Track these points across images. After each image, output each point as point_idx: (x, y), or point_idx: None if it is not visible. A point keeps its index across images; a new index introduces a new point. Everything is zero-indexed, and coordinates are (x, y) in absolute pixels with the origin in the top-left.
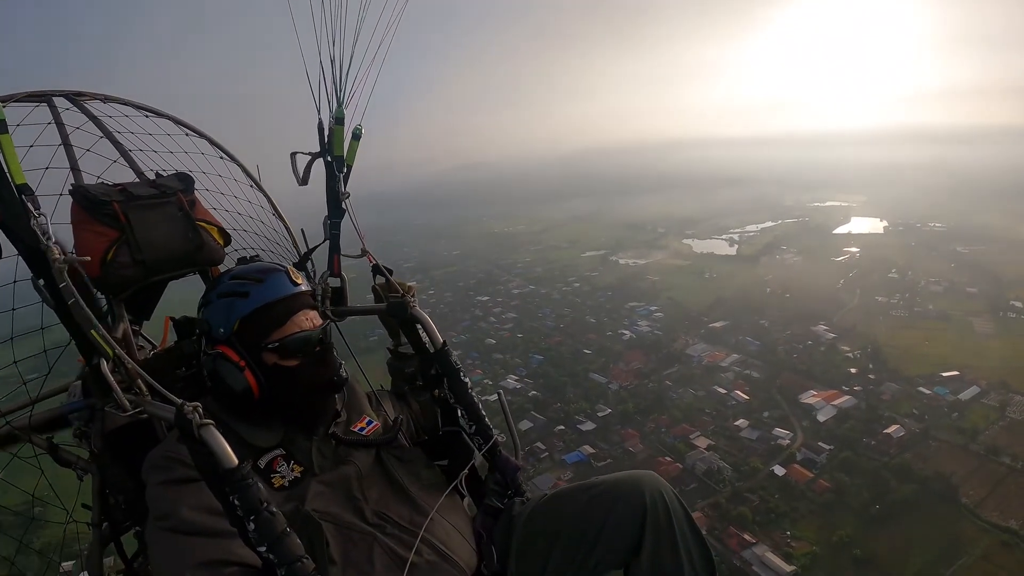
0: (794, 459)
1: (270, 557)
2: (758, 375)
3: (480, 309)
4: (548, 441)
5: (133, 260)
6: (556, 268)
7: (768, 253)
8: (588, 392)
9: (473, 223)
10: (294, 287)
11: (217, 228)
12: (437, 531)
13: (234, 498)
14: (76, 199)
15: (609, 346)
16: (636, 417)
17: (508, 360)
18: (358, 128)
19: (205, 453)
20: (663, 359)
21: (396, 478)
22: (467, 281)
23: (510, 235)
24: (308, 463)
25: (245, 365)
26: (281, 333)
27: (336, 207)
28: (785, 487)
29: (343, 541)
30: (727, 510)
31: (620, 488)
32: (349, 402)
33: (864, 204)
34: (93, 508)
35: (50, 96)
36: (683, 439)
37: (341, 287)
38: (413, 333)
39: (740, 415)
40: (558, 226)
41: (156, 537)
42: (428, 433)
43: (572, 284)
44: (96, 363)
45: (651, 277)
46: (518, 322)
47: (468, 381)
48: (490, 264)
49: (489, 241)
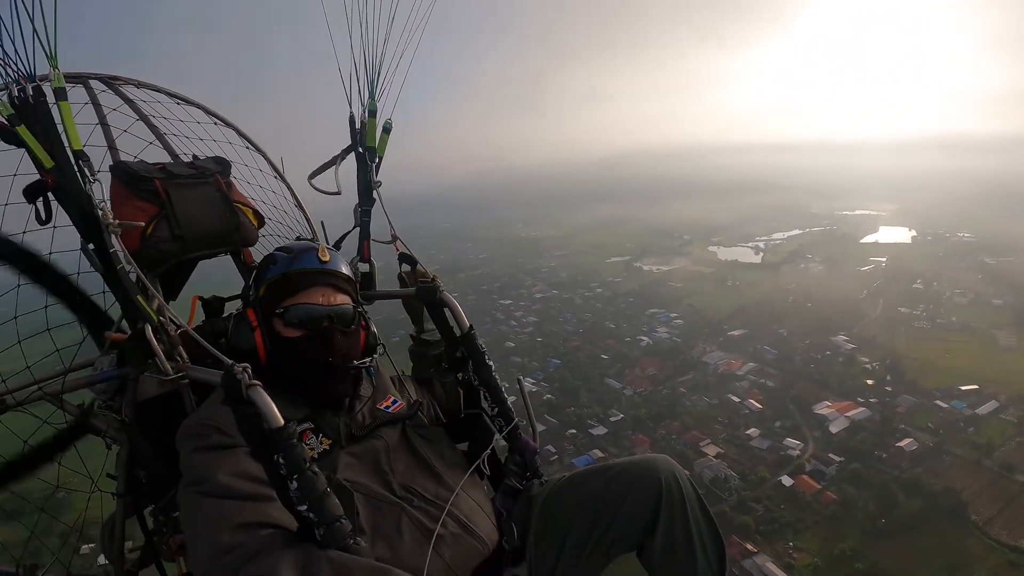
0: (803, 470)
1: (310, 516)
2: (773, 384)
3: (502, 312)
4: (559, 444)
5: (172, 235)
6: (580, 273)
7: (793, 261)
8: (602, 397)
9: (500, 227)
10: (320, 263)
11: (252, 210)
12: (461, 506)
13: (279, 456)
14: (117, 175)
15: (626, 352)
16: (648, 423)
17: (526, 363)
18: (389, 122)
19: (252, 413)
20: (679, 366)
21: (422, 454)
22: (491, 284)
23: (536, 239)
24: (336, 436)
25: (256, 327)
26: (290, 301)
27: (367, 196)
28: (791, 497)
29: (372, 511)
30: (731, 519)
31: (636, 470)
32: (376, 383)
33: (893, 213)
34: (119, 478)
35: (87, 78)
36: (693, 446)
37: (370, 272)
38: (440, 317)
39: (752, 424)
40: (584, 231)
41: (191, 501)
42: (450, 417)
43: (595, 289)
44: (141, 328)
45: (674, 284)
46: (538, 326)
47: (492, 364)
48: (515, 268)
49: (515, 245)
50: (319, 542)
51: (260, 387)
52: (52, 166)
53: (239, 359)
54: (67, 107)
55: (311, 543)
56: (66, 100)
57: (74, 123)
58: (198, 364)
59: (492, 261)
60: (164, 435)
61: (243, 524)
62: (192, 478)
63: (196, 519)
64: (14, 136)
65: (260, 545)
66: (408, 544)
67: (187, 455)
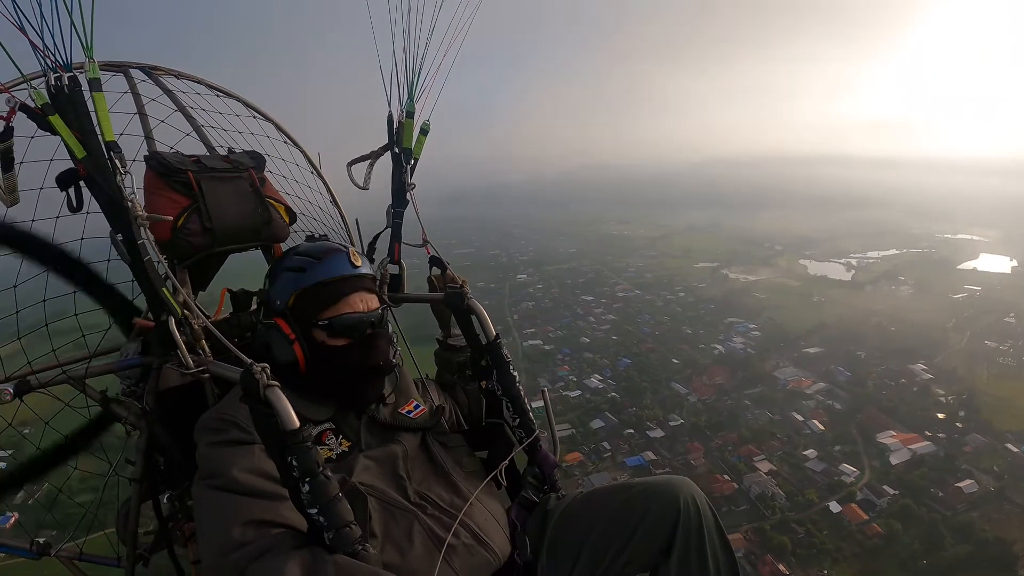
0: (853, 498)
1: (320, 520)
2: (840, 407)
3: (582, 308)
4: (614, 442)
5: (203, 228)
6: (666, 276)
7: (884, 282)
8: (665, 400)
9: (593, 223)
10: (352, 268)
11: (284, 206)
12: (475, 516)
13: (292, 459)
14: (151, 166)
15: (698, 358)
16: (706, 431)
17: (597, 360)
18: (427, 123)
19: (268, 414)
20: (747, 378)
21: (439, 462)
22: (576, 279)
23: (627, 238)
24: (356, 439)
25: (295, 339)
26: (332, 312)
27: (401, 197)
28: (836, 525)
29: (385, 516)
30: (769, 537)
31: (655, 491)
32: (398, 386)
33: (997, 240)
34: (137, 464)
35: (127, 67)
36: (746, 460)
37: (399, 274)
38: (467, 324)
39: (811, 445)
40: (676, 234)
41: (204, 495)
42: (471, 424)
43: (677, 293)
44: (164, 320)
45: (757, 294)
46: (616, 324)
47: (516, 375)
48: (602, 265)
49: (605, 242)
50: (328, 546)
51: (278, 388)
52: (84, 156)
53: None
54: (101, 98)
55: (320, 546)
56: (100, 91)
57: (108, 114)
58: (222, 356)
59: (581, 256)
60: (184, 425)
61: (253, 521)
62: (207, 471)
63: (207, 513)
64: (48, 124)
65: (269, 544)
66: (418, 552)
67: (204, 448)
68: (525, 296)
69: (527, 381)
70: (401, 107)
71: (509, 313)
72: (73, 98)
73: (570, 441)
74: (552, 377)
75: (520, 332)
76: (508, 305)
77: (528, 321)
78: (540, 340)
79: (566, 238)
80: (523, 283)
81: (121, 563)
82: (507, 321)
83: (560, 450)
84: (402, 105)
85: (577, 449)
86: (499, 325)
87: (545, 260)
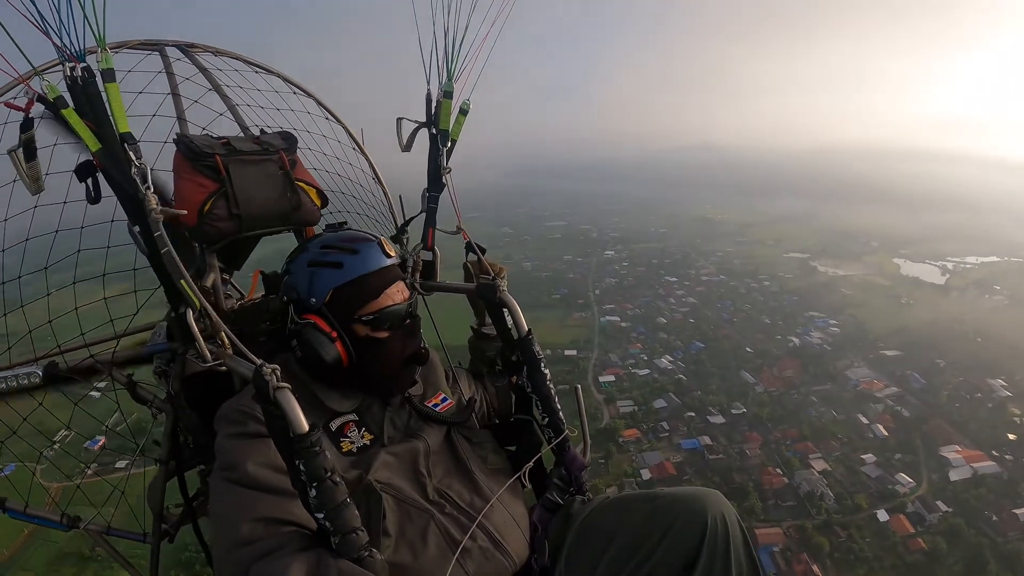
0: (903, 509)
1: (326, 524)
2: (908, 414)
3: (664, 288)
4: (673, 423)
5: (229, 213)
6: (753, 263)
7: (978, 290)
8: (732, 388)
9: (687, 205)
10: (387, 259)
11: (316, 189)
12: (495, 518)
13: (300, 463)
14: (180, 148)
15: (771, 349)
16: (767, 423)
17: (670, 341)
18: (466, 103)
19: (278, 415)
20: (818, 374)
21: (463, 458)
22: (662, 260)
23: (719, 222)
24: (379, 432)
25: (336, 336)
26: (375, 306)
27: (436, 180)
28: (880, 534)
29: (401, 515)
30: (809, 536)
31: (683, 503)
32: (426, 376)
33: None
34: (163, 446)
35: (163, 46)
36: (801, 456)
37: (433, 261)
38: (499, 317)
39: (871, 449)
40: (769, 222)
41: (219, 487)
42: (501, 418)
43: (762, 282)
44: (182, 312)
45: (844, 290)
46: (695, 308)
47: (547, 372)
48: (690, 248)
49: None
50: (334, 549)
51: (288, 390)
52: (98, 148)
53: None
54: (114, 88)
55: (326, 548)
56: (114, 81)
57: (122, 105)
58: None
59: (670, 237)
60: (209, 410)
61: (263, 518)
62: (223, 463)
63: (220, 505)
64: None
65: (276, 544)
66: (432, 553)
67: (222, 439)
68: (610, 272)
69: (598, 356)
70: (440, 86)
71: (591, 288)
72: (87, 89)
73: (630, 417)
74: (623, 354)
75: (599, 307)
76: (592, 280)
77: (608, 297)
78: (618, 317)
79: (659, 218)
80: (609, 259)
81: (147, 539)
82: (588, 296)
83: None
84: (440, 84)
85: (636, 426)
86: (580, 299)
87: (634, 238)
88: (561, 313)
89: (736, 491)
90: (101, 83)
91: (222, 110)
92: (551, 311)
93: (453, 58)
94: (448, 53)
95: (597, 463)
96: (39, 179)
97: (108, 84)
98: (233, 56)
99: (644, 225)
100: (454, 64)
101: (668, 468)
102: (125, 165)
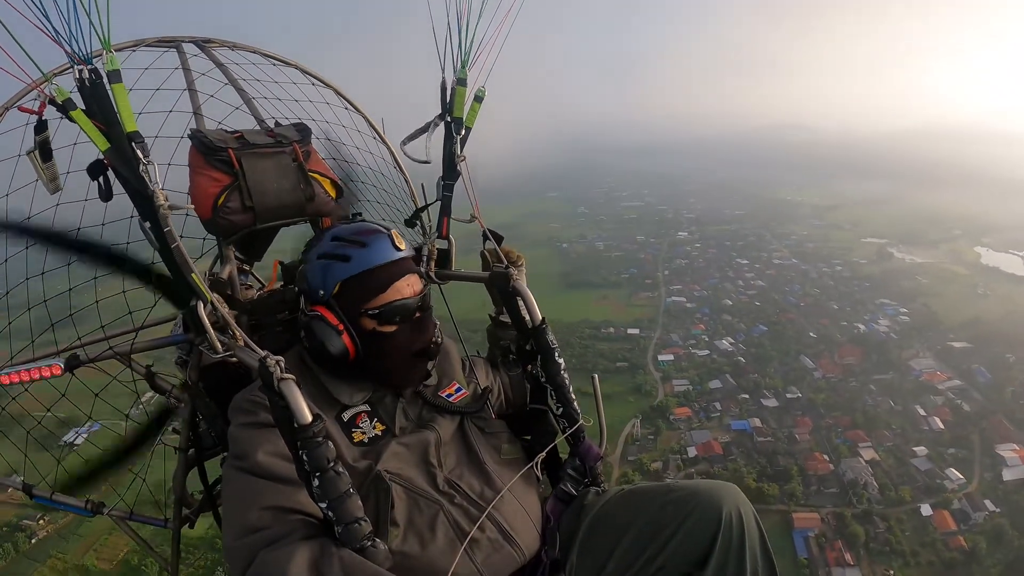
0: (948, 505)
1: (329, 514)
2: (969, 408)
3: (734, 271)
4: (726, 404)
5: (243, 206)
6: (827, 247)
7: None
8: (789, 372)
9: (767, 186)
10: (397, 252)
11: (330, 180)
12: (505, 509)
13: (303, 453)
14: (194, 143)
15: (835, 335)
16: (820, 409)
17: (733, 323)
18: (481, 90)
19: (282, 406)
20: (880, 363)
21: (475, 449)
22: (735, 242)
23: (797, 205)
24: (390, 423)
25: (343, 329)
26: (382, 300)
27: (451, 169)
28: (920, 528)
29: (410, 505)
30: (847, 524)
31: (698, 496)
32: (441, 366)
33: None
34: (181, 434)
35: (180, 42)
36: (851, 444)
37: (447, 250)
38: (513, 306)
39: (924, 442)
40: (848, 204)
41: (230, 475)
42: (516, 408)
43: (835, 267)
44: (194, 305)
45: (919, 278)
46: (763, 291)
47: (561, 362)
48: (765, 230)
49: (774, 207)
50: (336, 538)
51: (292, 381)
52: (107, 148)
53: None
54: (121, 89)
55: (331, 537)
56: (120, 82)
57: (128, 105)
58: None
59: (746, 219)
60: (228, 399)
61: (271, 507)
62: (235, 452)
63: (230, 494)
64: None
65: (282, 532)
66: (440, 544)
67: (234, 428)
68: (681, 253)
69: (660, 335)
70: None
71: (660, 268)
72: (94, 91)
73: (683, 396)
74: (685, 334)
75: (667, 288)
76: (662, 260)
77: (677, 277)
78: (684, 297)
79: (736, 199)
80: (682, 240)
81: (168, 524)
82: (656, 276)
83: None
84: (455, 72)
85: (688, 405)
86: (648, 279)
87: (710, 220)
88: (628, 292)
89: (779, 474)
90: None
91: (239, 104)
92: (618, 290)
93: (467, 45)
94: (463, 40)
95: (646, 439)
96: (56, 178)
97: (114, 85)
98: (250, 50)
99: (721, 206)
100: (468, 51)
101: (715, 447)
102: (133, 163)
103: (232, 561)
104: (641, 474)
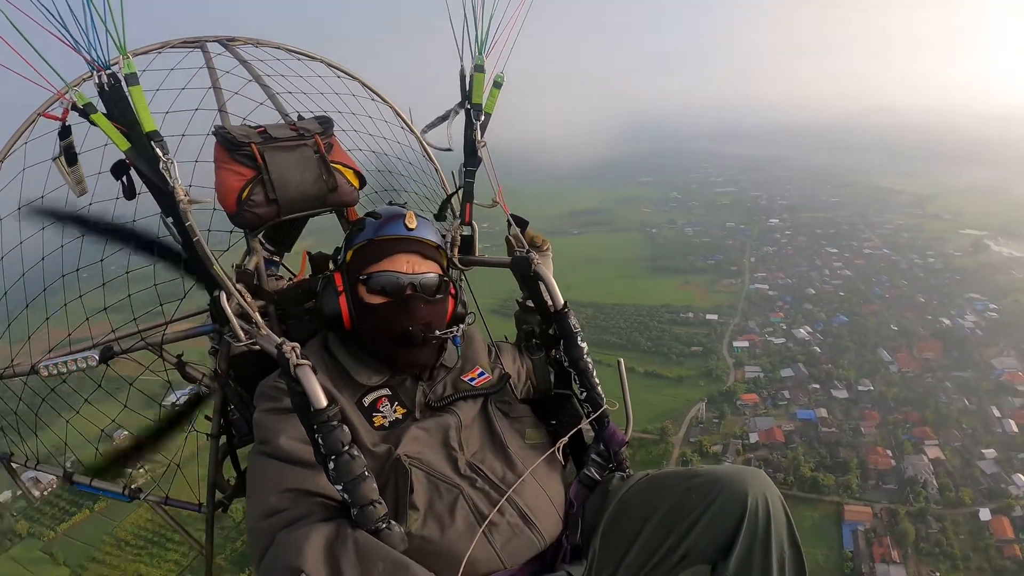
0: (1009, 512)
1: (345, 496)
2: None
3: (821, 259)
4: (795, 392)
5: (267, 199)
6: (922, 238)
7: None
8: (864, 364)
9: (865, 173)
10: (406, 231)
11: (353, 171)
12: (526, 494)
13: (319, 437)
14: (218, 139)
15: (917, 329)
16: (890, 403)
17: (814, 312)
18: (500, 76)
19: (298, 391)
20: (960, 359)
21: (497, 432)
22: (826, 230)
23: (895, 193)
24: (411, 406)
25: (342, 291)
26: (374, 268)
27: (472, 155)
28: (975, 533)
29: (430, 489)
30: (899, 521)
31: (723, 482)
32: (464, 351)
33: None
34: (213, 422)
35: (204, 42)
36: (916, 441)
37: (471, 236)
38: (535, 290)
39: (994, 444)
40: (950, 193)
41: (255, 459)
42: (542, 393)
43: (927, 258)
44: (216, 296)
45: (1015, 273)
46: (849, 281)
47: (584, 346)
48: (859, 218)
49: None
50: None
51: (308, 367)
52: (128, 148)
53: (323, 322)
54: (138, 91)
55: (347, 519)
56: (137, 84)
57: (146, 106)
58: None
59: (841, 207)
60: (254, 386)
61: (292, 490)
62: (259, 437)
63: (255, 478)
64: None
65: (300, 514)
66: (459, 527)
67: (259, 414)
68: (770, 240)
69: (739, 321)
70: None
71: (747, 255)
72: (113, 94)
73: (753, 383)
74: (763, 321)
75: (751, 275)
76: (749, 247)
77: (763, 265)
78: (767, 285)
79: (832, 186)
80: (773, 227)
81: (202, 509)
82: (742, 263)
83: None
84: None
85: (757, 391)
86: (733, 266)
87: (803, 207)
88: (711, 278)
89: (838, 465)
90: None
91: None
92: (701, 276)
93: (483, 31)
94: (480, 26)
95: (711, 422)
96: (82, 181)
97: (132, 87)
98: (274, 46)
99: (816, 193)
100: (485, 37)
101: (777, 435)
102: (153, 161)
103: (253, 542)
104: (700, 456)
